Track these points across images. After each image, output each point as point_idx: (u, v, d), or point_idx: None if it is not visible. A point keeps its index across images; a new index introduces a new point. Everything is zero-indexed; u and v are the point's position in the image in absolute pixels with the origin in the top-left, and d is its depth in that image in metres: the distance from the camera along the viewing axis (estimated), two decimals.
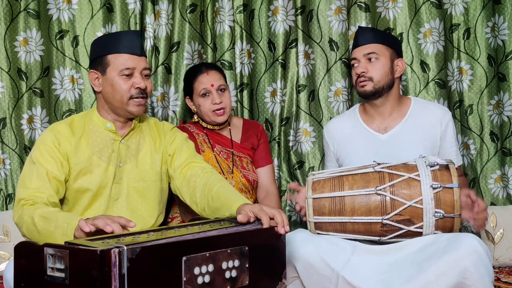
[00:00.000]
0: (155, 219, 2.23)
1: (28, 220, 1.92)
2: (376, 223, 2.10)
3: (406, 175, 2.10)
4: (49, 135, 2.12)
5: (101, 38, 2.28)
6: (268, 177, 2.75)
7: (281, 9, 2.95)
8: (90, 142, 2.15)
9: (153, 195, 2.23)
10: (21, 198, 2.01)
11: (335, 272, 2.07)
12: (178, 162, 2.23)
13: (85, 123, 2.19)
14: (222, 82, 2.64)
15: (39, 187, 2.03)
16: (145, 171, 2.20)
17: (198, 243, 1.63)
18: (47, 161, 2.08)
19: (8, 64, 2.81)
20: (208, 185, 2.09)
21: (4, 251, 2.68)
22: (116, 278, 1.44)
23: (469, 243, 1.98)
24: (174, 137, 2.29)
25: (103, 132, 2.18)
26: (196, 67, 2.70)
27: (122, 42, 2.15)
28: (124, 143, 2.19)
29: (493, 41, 2.94)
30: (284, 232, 1.83)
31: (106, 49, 2.15)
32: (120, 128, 2.21)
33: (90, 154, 2.14)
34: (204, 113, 2.62)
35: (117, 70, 2.13)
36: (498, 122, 2.95)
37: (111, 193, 2.15)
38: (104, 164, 2.14)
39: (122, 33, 2.29)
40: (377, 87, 2.43)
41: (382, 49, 2.45)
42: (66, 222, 1.81)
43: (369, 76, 2.43)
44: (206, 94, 2.61)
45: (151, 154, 2.23)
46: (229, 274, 1.68)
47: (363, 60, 2.45)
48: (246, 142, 2.73)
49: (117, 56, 2.13)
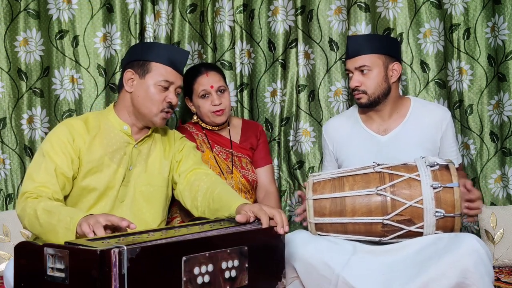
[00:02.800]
0: (158, 224, 2.23)
1: (31, 212, 1.90)
2: (377, 224, 2.10)
3: (406, 175, 2.10)
4: (64, 130, 2.09)
5: (149, 43, 2.35)
6: (268, 177, 2.75)
7: (281, 9, 2.95)
8: (104, 142, 2.13)
9: (159, 200, 2.22)
10: (25, 191, 2.00)
11: (335, 273, 2.07)
12: (184, 167, 2.24)
13: (101, 122, 2.17)
14: (221, 83, 2.63)
15: (46, 181, 2.01)
16: (153, 176, 2.20)
17: (198, 243, 1.64)
18: (58, 156, 2.05)
19: (8, 64, 2.81)
20: (210, 189, 2.09)
21: (4, 251, 2.68)
22: (116, 278, 1.44)
23: (469, 243, 1.98)
24: (183, 145, 2.30)
25: (118, 133, 2.16)
26: (196, 68, 2.70)
27: (171, 55, 2.16)
28: (137, 148, 2.19)
29: (493, 41, 2.94)
30: (283, 232, 1.83)
31: (154, 55, 2.15)
32: (136, 132, 2.20)
33: (103, 154, 2.12)
34: (204, 114, 2.62)
35: (156, 79, 2.13)
36: (498, 122, 2.95)
37: (118, 195, 2.14)
38: (114, 166, 2.13)
39: (174, 47, 2.36)
40: (372, 99, 2.41)
41: (374, 59, 2.40)
42: (70, 216, 1.80)
43: (362, 90, 2.40)
44: (205, 96, 2.61)
45: (160, 160, 2.23)
46: (228, 274, 1.68)
47: (356, 72, 2.41)
48: (245, 142, 2.73)
49: (162, 66, 2.14)
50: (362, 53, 2.39)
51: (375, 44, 2.42)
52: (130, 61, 2.19)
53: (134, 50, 2.26)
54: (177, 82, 2.17)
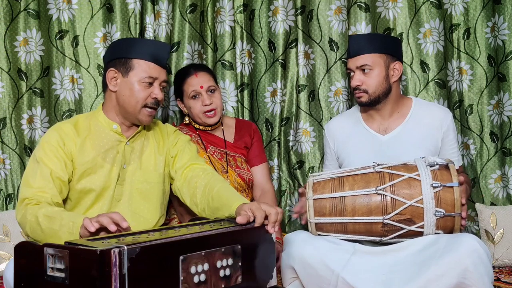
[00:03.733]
0: (156, 220, 2.23)
1: (32, 219, 1.91)
2: (377, 223, 2.10)
3: (406, 175, 2.10)
4: (54, 135, 2.11)
5: (129, 40, 2.28)
6: (263, 175, 2.75)
7: (281, 9, 2.95)
8: (95, 143, 2.14)
9: (156, 196, 2.22)
10: (25, 197, 2.00)
11: (335, 273, 2.07)
12: (180, 163, 2.23)
13: (91, 123, 2.18)
14: (211, 83, 2.63)
15: (43, 186, 2.02)
16: (149, 173, 2.20)
17: (194, 242, 1.64)
18: (51, 160, 2.06)
19: (8, 64, 2.81)
20: (209, 186, 2.09)
21: (4, 251, 2.68)
22: (116, 278, 1.44)
23: (469, 243, 1.98)
24: (177, 139, 2.29)
25: (108, 133, 2.17)
26: (185, 69, 2.70)
27: (152, 50, 2.14)
28: (129, 145, 2.19)
29: (493, 41, 2.93)
30: (272, 231, 1.84)
31: (135, 52, 2.13)
32: (126, 130, 2.20)
33: (95, 155, 2.13)
34: (195, 114, 2.62)
35: (139, 76, 2.12)
36: (498, 122, 2.95)
37: (114, 194, 2.14)
38: (108, 165, 2.14)
39: (153, 42, 2.30)
40: (373, 98, 2.41)
41: (375, 58, 2.40)
42: (72, 220, 1.81)
43: (363, 89, 2.40)
44: (196, 96, 2.61)
45: (155, 156, 2.23)
46: (223, 272, 1.70)
47: (357, 71, 2.41)
48: (239, 141, 2.73)
49: (144, 62, 2.13)
50: (364, 52, 2.39)
51: (376, 43, 2.42)
52: (112, 60, 2.18)
53: (114, 47, 2.23)
54: (161, 77, 2.16)
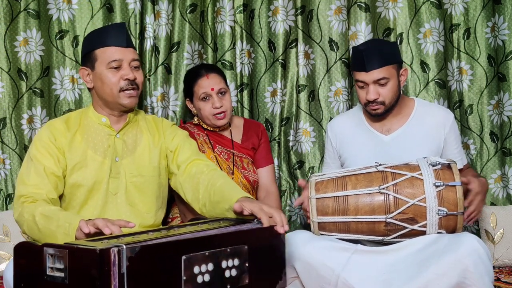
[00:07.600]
0: (153, 213, 2.22)
1: (29, 218, 1.92)
2: (380, 222, 2.10)
3: (409, 174, 2.10)
4: (45, 131, 2.14)
5: (89, 34, 2.28)
6: (269, 177, 2.75)
7: (281, 9, 2.95)
8: (85, 137, 2.16)
9: (151, 190, 2.22)
10: (21, 195, 2.02)
11: (335, 273, 2.07)
12: (182, 158, 2.22)
13: (81, 118, 2.21)
14: (222, 85, 2.62)
15: (38, 183, 2.04)
16: (143, 166, 2.20)
17: (198, 242, 1.64)
18: (44, 157, 2.09)
19: (8, 64, 2.81)
20: (212, 181, 2.08)
21: (4, 251, 2.68)
22: (116, 277, 1.44)
23: (469, 243, 1.99)
24: (175, 134, 2.28)
25: (98, 127, 2.18)
26: (196, 70, 2.69)
27: (108, 35, 2.15)
28: (120, 138, 2.19)
29: (493, 41, 2.93)
30: (283, 231, 1.83)
31: (94, 44, 2.16)
32: (115, 122, 2.21)
33: (85, 148, 2.14)
34: (205, 116, 2.61)
35: (104, 63, 2.13)
36: (498, 122, 2.95)
37: (108, 187, 2.14)
38: (99, 158, 2.14)
39: (107, 27, 2.32)
40: (388, 108, 2.39)
41: (390, 70, 2.36)
42: (68, 222, 1.82)
43: (381, 101, 2.36)
44: (206, 98, 2.59)
45: (149, 149, 2.22)
46: (228, 273, 1.68)
47: (373, 85, 2.35)
48: (247, 142, 2.72)
49: (104, 49, 2.14)
50: (379, 65, 2.33)
51: (387, 54, 2.38)
52: (81, 60, 2.24)
53: (82, 47, 2.28)
54: (127, 57, 2.15)
